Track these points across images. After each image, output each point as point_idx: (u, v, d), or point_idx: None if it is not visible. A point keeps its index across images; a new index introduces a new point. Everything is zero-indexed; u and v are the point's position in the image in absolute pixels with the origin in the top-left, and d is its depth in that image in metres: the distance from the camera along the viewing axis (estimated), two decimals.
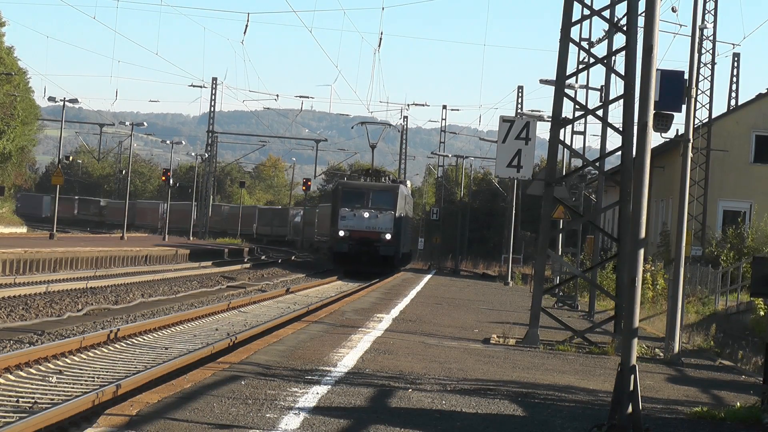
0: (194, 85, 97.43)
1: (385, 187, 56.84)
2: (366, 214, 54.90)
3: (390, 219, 55.12)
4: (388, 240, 54.79)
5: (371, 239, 54.50)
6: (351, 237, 54.48)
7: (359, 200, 55.18)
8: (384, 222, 54.90)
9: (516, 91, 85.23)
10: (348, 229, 54.54)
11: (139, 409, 11.39)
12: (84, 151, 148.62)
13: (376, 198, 55.45)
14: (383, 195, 55.76)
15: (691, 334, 26.56)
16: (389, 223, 55.00)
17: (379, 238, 54.62)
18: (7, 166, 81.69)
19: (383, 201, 55.40)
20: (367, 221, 54.81)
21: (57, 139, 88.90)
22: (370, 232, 54.64)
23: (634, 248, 11.89)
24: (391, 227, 55.06)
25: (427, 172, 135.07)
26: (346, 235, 54.54)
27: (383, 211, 55.10)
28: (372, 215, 54.92)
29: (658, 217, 57.85)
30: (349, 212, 54.82)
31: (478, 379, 15.94)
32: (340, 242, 54.67)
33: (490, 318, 28.92)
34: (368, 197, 55.35)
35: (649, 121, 12.00)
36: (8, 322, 21.89)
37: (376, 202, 55.28)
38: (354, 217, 54.75)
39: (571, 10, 22.23)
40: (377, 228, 54.80)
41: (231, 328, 24.50)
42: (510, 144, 32.33)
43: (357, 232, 54.51)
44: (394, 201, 55.62)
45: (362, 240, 54.42)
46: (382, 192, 56.03)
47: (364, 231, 54.57)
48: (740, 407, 14.04)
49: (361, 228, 54.64)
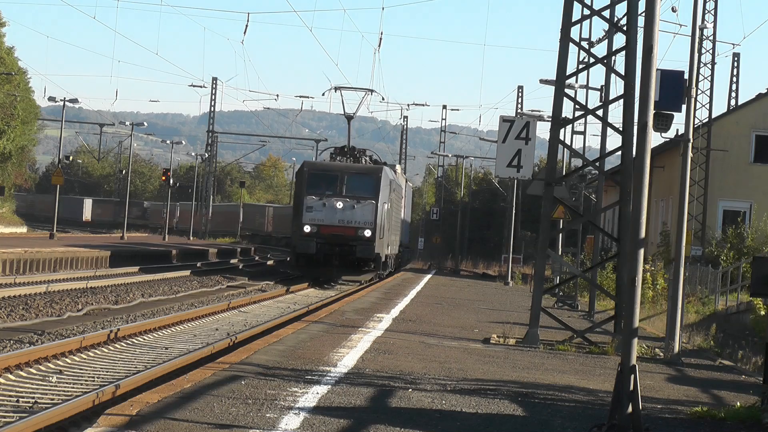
0: (194, 85, 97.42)
1: (364, 170, 44.92)
2: (339, 203, 43.15)
3: (370, 210, 43.36)
4: (368, 238, 43.03)
5: (346, 237, 43.00)
6: (319, 234, 42.97)
7: (330, 186, 43.61)
8: (363, 214, 43.24)
9: (516, 91, 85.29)
10: (315, 224, 43.00)
11: (139, 409, 11.39)
12: (84, 151, 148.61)
13: (353, 183, 43.84)
14: (362, 179, 44.07)
15: (691, 334, 26.57)
16: (369, 216, 43.26)
17: (355, 235, 43.02)
18: (7, 166, 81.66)
19: (362, 187, 43.74)
20: (341, 213, 43.14)
21: (57, 139, 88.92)
22: (345, 228, 43.12)
23: (634, 248, 11.89)
24: (372, 221, 43.28)
25: (427, 172, 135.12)
26: (312, 231, 42.94)
27: (362, 201, 43.35)
28: (347, 205, 43.22)
29: (658, 217, 57.85)
30: (317, 201, 43.13)
31: (478, 379, 15.94)
32: (305, 241, 42.79)
33: (490, 318, 28.92)
34: (342, 182, 43.67)
35: (649, 121, 12.00)
36: (8, 322, 21.89)
37: (352, 188, 43.67)
38: (324, 207, 43.11)
39: (571, 10, 22.23)
40: (354, 222, 43.25)
41: (231, 328, 24.51)
42: (510, 144, 32.33)
43: (327, 227, 43.04)
44: (375, 187, 43.87)
45: (334, 238, 42.96)
46: (361, 175, 44.27)
47: (337, 226, 43.06)
48: (740, 407, 14.04)
49: (333, 222, 43.10)
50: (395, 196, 49.67)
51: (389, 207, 45.79)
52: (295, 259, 44.37)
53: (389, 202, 45.66)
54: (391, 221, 47.70)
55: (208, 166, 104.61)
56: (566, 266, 38.02)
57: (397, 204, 51.37)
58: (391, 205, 46.61)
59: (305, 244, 42.75)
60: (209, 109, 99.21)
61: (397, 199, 51.92)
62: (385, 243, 45.51)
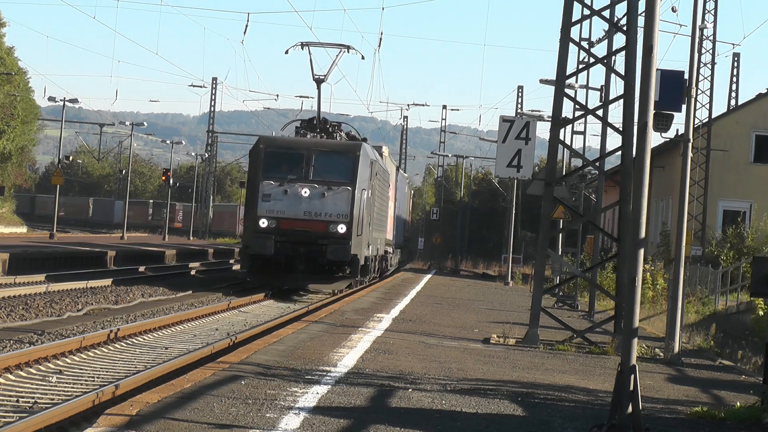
0: (194, 85, 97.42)
1: (337, 147, 35.37)
2: (305, 191, 33.98)
3: (345, 199, 34.22)
4: (342, 235, 33.95)
5: (313, 233, 33.94)
6: (279, 230, 33.86)
7: (294, 168, 34.41)
8: (335, 204, 34.13)
9: (516, 91, 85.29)
10: (274, 217, 33.88)
11: (139, 408, 11.39)
12: (84, 151, 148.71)
13: (323, 164, 34.59)
14: (334, 159, 34.77)
15: (691, 334, 26.57)
16: (344, 207, 34.14)
17: (326, 231, 33.94)
18: (7, 166, 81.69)
19: (335, 169, 34.62)
20: (307, 203, 34.03)
21: (57, 139, 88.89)
22: (312, 222, 33.97)
23: (634, 248, 11.89)
24: (347, 213, 34.12)
25: (427, 172, 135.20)
26: (270, 226, 33.83)
27: (334, 187, 34.22)
28: (315, 193, 34.08)
29: (658, 217, 57.86)
30: (277, 188, 34.08)
31: (478, 378, 15.94)
32: (260, 239, 33.67)
33: (490, 318, 28.92)
34: (309, 163, 34.41)
35: (649, 121, 12.00)
36: (8, 322, 21.89)
37: (322, 170, 34.49)
38: (285, 196, 33.99)
39: (571, 10, 22.24)
40: (324, 214, 34.06)
41: (231, 327, 24.51)
42: (510, 144, 32.36)
43: (289, 221, 33.92)
44: (352, 169, 34.59)
45: (298, 235, 33.88)
46: (333, 154, 34.86)
47: (302, 220, 33.94)
48: (740, 407, 14.04)
49: (297, 214, 33.94)
50: (380, 182, 40.11)
51: (371, 195, 36.52)
52: (247, 262, 34.43)
53: (371, 189, 36.27)
54: (373, 213, 38.07)
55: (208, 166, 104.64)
56: (566, 266, 38.02)
57: (382, 192, 41.95)
58: (373, 194, 37.37)
59: (260, 243, 33.55)
60: (209, 109, 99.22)
61: (383, 187, 42.31)
62: (365, 241, 35.79)
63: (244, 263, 35.21)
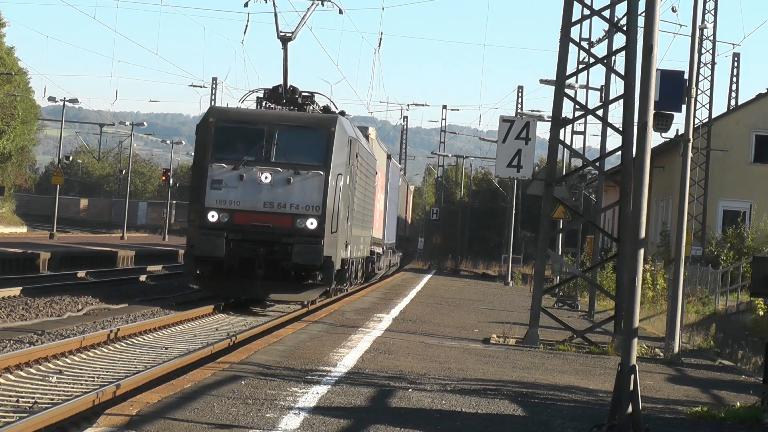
0: (194, 85, 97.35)
1: (307, 121, 28.40)
2: (266, 176, 27.17)
3: (317, 187, 27.34)
4: (312, 231, 27.07)
5: (276, 230, 27.05)
6: (233, 225, 27.11)
7: (251, 147, 27.61)
8: (304, 193, 27.28)
9: (516, 91, 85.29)
10: (226, 209, 27.16)
11: (139, 409, 11.39)
12: (84, 151, 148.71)
13: (289, 142, 27.73)
14: (303, 137, 27.91)
15: (691, 334, 26.58)
16: (315, 196, 27.29)
17: (292, 226, 27.09)
18: (7, 166, 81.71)
19: (303, 149, 27.79)
20: (269, 192, 27.21)
21: (57, 139, 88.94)
22: (275, 215, 27.15)
23: (634, 248, 11.89)
24: (319, 204, 27.27)
25: (427, 172, 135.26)
26: (222, 220, 27.09)
27: (302, 171, 27.28)
28: (278, 179, 27.25)
29: (658, 217, 57.88)
30: (230, 172, 27.29)
31: (478, 379, 15.94)
32: (209, 236, 26.91)
33: (490, 318, 28.93)
34: (271, 141, 27.57)
35: (649, 121, 12.00)
36: (8, 322, 21.89)
37: (288, 150, 27.63)
38: (240, 182, 27.22)
39: (571, 10, 22.25)
40: (289, 206, 27.21)
41: (231, 328, 24.50)
42: (510, 144, 32.37)
43: (246, 214, 27.16)
44: (325, 149, 27.67)
45: (257, 231, 27.05)
46: (301, 131, 27.96)
47: (262, 213, 27.14)
48: (740, 407, 14.05)
49: (255, 206, 27.20)
50: (363, 167, 32.87)
51: (350, 182, 29.60)
52: (192, 266, 27.47)
53: (350, 175, 29.39)
54: (353, 205, 31.01)
55: None
56: (566, 266, 38.04)
57: (366, 180, 34.73)
58: (353, 180, 30.33)
59: (208, 243, 26.87)
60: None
61: (367, 173, 34.75)
62: (341, 240, 28.78)
63: (188, 268, 27.87)
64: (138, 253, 50.53)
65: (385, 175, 45.66)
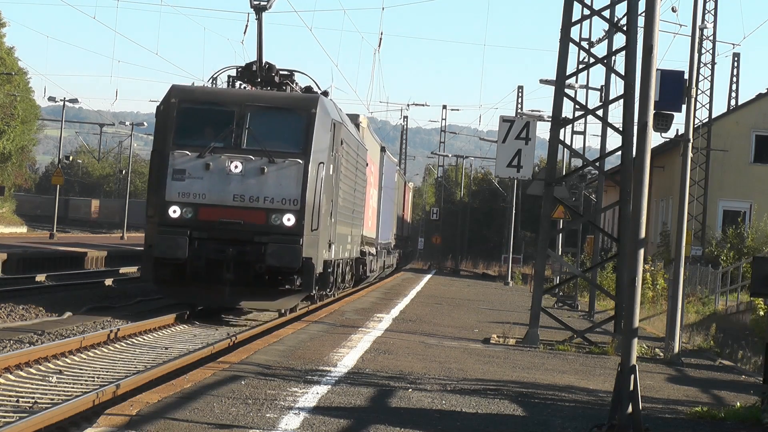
0: None
1: (283, 102, 24.87)
2: (235, 165, 23.79)
3: (295, 177, 23.91)
4: (289, 228, 23.72)
5: (247, 227, 23.70)
6: (197, 222, 23.74)
7: (219, 131, 24.12)
8: (279, 185, 23.89)
9: (516, 91, 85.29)
10: (189, 202, 23.79)
11: (139, 408, 11.39)
12: (84, 151, 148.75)
13: (262, 126, 24.23)
14: (279, 119, 24.49)
15: (691, 334, 26.58)
16: (292, 188, 23.87)
17: (266, 223, 23.70)
18: (7, 166, 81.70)
19: (279, 134, 24.32)
20: (239, 184, 23.84)
21: (57, 139, 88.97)
22: (246, 210, 23.74)
23: (634, 248, 11.89)
24: (298, 197, 23.84)
25: (427, 172, 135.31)
26: (185, 216, 23.74)
27: (278, 160, 23.89)
28: (250, 169, 23.87)
29: (658, 217, 57.88)
30: (194, 161, 23.91)
31: (478, 379, 15.94)
32: (169, 235, 23.56)
33: (490, 318, 28.93)
34: (242, 125, 24.14)
35: (649, 121, 12.00)
36: (8, 322, 21.88)
37: (260, 136, 24.05)
38: (206, 173, 23.83)
39: (571, 10, 22.25)
40: (263, 200, 23.80)
41: (231, 328, 24.49)
42: (510, 144, 32.39)
43: (212, 209, 23.77)
44: (304, 133, 24.19)
45: (225, 229, 23.68)
46: (277, 112, 24.51)
47: (231, 207, 23.75)
48: (740, 407, 14.05)
49: (223, 200, 23.79)
50: (349, 155, 29.27)
51: (334, 172, 26.19)
52: (151, 269, 24.05)
53: (334, 164, 25.95)
54: (338, 199, 27.41)
55: None
56: (566, 266, 38.04)
57: (354, 171, 31.16)
58: (338, 170, 26.80)
59: (169, 242, 23.51)
60: None
61: (355, 164, 31.16)
62: (323, 239, 25.28)
63: (145, 271, 24.52)
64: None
65: (379, 169, 42.36)
